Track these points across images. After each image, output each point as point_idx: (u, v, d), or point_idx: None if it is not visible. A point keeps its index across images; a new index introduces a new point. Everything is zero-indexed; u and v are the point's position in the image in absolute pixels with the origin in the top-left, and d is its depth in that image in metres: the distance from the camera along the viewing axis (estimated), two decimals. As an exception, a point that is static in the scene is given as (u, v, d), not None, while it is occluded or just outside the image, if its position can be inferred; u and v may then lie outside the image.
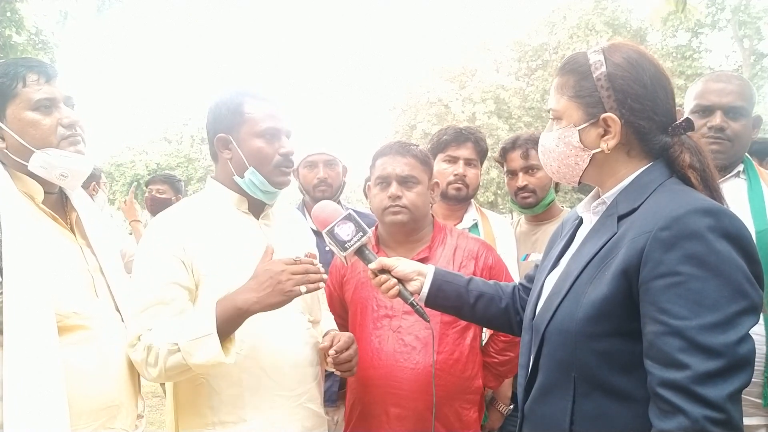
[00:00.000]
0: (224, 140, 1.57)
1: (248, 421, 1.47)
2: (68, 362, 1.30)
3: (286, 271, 1.35)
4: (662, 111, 1.11)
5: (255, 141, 1.54)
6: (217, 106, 1.60)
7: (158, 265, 1.44)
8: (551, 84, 1.24)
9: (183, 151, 25.84)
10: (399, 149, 1.88)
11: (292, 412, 1.54)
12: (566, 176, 1.21)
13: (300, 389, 1.56)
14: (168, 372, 1.36)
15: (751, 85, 1.88)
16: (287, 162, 1.58)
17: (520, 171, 2.36)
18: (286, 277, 1.34)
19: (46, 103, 1.40)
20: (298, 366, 1.56)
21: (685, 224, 0.96)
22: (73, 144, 1.43)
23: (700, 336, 0.91)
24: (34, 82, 1.39)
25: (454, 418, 1.78)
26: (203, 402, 1.47)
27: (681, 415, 0.90)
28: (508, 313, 1.45)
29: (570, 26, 20.50)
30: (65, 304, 1.34)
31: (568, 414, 1.07)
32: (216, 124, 1.58)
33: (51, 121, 1.40)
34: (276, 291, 1.34)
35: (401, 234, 1.90)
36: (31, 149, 1.38)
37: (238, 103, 1.56)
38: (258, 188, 1.57)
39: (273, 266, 1.37)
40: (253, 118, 1.54)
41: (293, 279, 1.34)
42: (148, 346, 1.37)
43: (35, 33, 9.48)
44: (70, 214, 1.51)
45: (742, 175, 1.79)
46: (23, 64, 1.41)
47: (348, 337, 1.58)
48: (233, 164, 1.56)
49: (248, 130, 1.54)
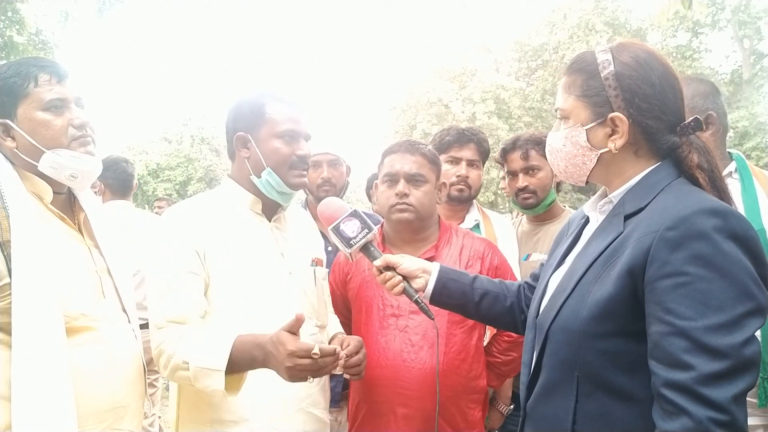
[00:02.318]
0: (243, 139, 1.59)
1: (249, 421, 1.47)
2: (75, 363, 1.30)
3: (294, 369, 1.27)
4: (671, 111, 1.11)
5: (274, 141, 1.56)
6: (239, 105, 1.62)
7: (174, 255, 1.45)
8: (559, 83, 1.23)
9: (183, 151, 25.79)
10: (408, 147, 1.88)
11: (293, 416, 1.54)
12: (573, 176, 1.21)
13: (302, 394, 1.56)
14: (175, 379, 1.44)
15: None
16: (303, 164, 1.60)
17: (520, 172, 2.36)
18: (299, 368, 1.28)
19: (57, 104, 1.39)
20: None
21: (692, 224, 0.96)
22: (83, 145, 1.43)
23: (706, 337, 0.90)
24: (45, 82, 1.39)
25: (460, 417, 1.79)
26: (204, 399, 1.48)
27: (685, 416, 0.90)
28: (513, 312, 1.45)
29: (570, 26, 20.48)
30: (73, 305, 1.34)
31: (570, 413, 1.07)
32: (236, 122, 1.60)
33: (62, 122, 1.40)
34: (287, 370, 1.29)
35: (407, 232, 1.90)
36: (42, 149, 1.38)
37: (260, 104, 1.58)
38: (274, 189, 1.58)
39: (281, 351, 1.28)
40: (273, 119, 1.57)
41: (295, 375, 1.29)
42: (161, 348, 1.40)
43: (36, 33, 9.48)
44: (78, 214, 1.51)
45: (734, 175, 1.77)
46: (35, 63, 1.40)
47: (357, 341, 1.58)
48: (251, 163, 1.58)
49: (268, 131, 1.57)
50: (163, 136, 26.80)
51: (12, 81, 1.37)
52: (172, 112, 28.60)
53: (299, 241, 1.70)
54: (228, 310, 1.49)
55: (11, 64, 1.42)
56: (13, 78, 1.37)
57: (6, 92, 1.37)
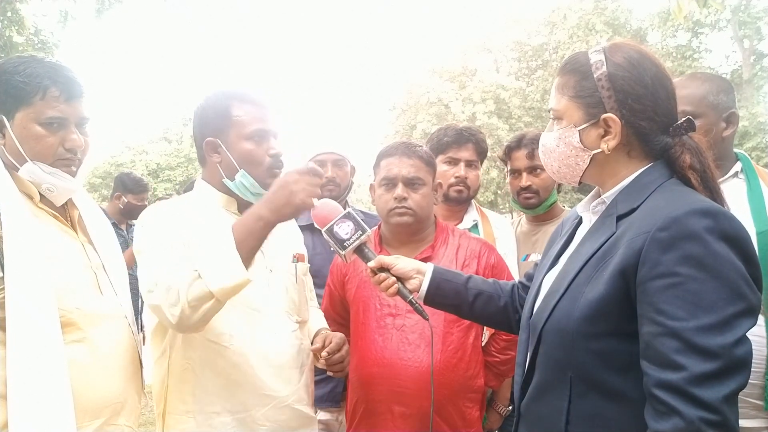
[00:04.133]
0: (213, 144, 1.58)
1: (231, 413, 1.48)
2: (72, 359, 1.29)
3: (300, 181, 1.35)
4: (663, 111, 1.11)
5: (244, 144, 1.55)
6: (203, 109, 1.60)
7: (161, 232, 1.45)
8: (552, 84, 1.23)
9: (183, 151, 25.79)
10: (405, 150, 1.87)
11: (278, 411, 1.55)
12: (566, 176, 1.21)
13: (286, 391, 1.57)
14: (191, 304, 1.30)
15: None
16: (278, 163, 1.59)
17: (524, 171, 2.35)
18: (300, 186, 1.34)
19: (56, 122, 1.38)
20: (283, 368, 1.57)
21: (684, 225, 0.95)
22: (66, 166, 1.42)
23: (697, 337, 0.90)
24: (53, 98, 1.37)
25: (457, 416, 1.79)
26: (187, 389, 1.48)
27: (676, 416, 0.90)
28: (507, 312, 1.45)
29: (570, 26, 20.50)
30: (68, 300, 1.33)
31: (564, 414, 1.06)
32: (203, 128, 1.59)
33: (54, 141, 1.38)
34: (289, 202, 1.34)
35: (405, 234, 1.91)
36: (25, 158, 1.37)
37: (225, 107, 1.57)
38: (248, 190, 1.58)
39: (287, 176, 1.37)
40: (240, 120, 1.55)
41: (306, 190, 1.34)
42: (168, 285, 1.33)
43: (35, 33, 9.48)
44: (72, 212, 1.50)
45: (740, 175, 1.75)
46: (51, 75, 1.37)
47: (339, 338, 1.58)
48: (223, 167, 1.58)
49: (237, 133, 1.56)
50: (163, 136, 26.81)
51: (21, 84, 1.35)
52: (172, 112, 28.62)
53: (279, 239, 1.68)
54: None
55: (30, 62, 1.39)
56: (24, 81, 1.35)
57: (11, 93, 1.35)
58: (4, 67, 1.38)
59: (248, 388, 1.50)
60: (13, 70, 1.36)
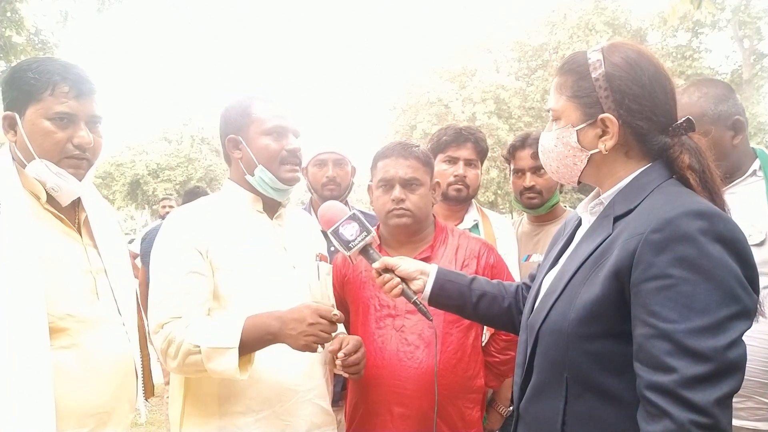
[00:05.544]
0: (234, 141, 1.65)
1: (255, 411, 1.50)
2: (58, 366, 1.27)
3: (316, 326, 1.38)
4: (661, 111, 1.10)
5: (263, 139, 1.62)
6: (227, 110, 1.68)
7: (177, 256, 1.49)
8: (551, 83, 1.23)
9: (183, 151, 25.81)
10: (401, 151, 1.87)
11: (301, 407, 1.57)
12: (565, 176, 1.21)
13: (309, 385, 1.60)
14: (185, 368, 1.42)
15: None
16: (294, 158, 1.65)
17: (528, 171, 2.35)
18: (313, 330, 1.38)
19: (64, 117, 1.38)
20: (308, 362, 1.59)
21: (677, 227, 0.95)
22: (73, 167, 1.41)
23: (689, 340, 0.90)
24: (62, 93, 1.37)
25: (457, 417, 1.79)
26: (209, 392, 1.51)
27: (667, 419, 0.90)
28: (511, 313, 1.45)
29: (570, 26, 20.49)
30: (60, 305, 1.32)
31: (560, 414, 1.07)
32: (226, 126, 1.67)
33: (62, 137, 1.38)
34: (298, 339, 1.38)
35: (404, 235, 1.91)
36: (33, 155, 1.37)
37: (246, 106, 1.64)
38: (268, 185, 1.63)
39: (308, 314, 1.40)
40: (260, 118, 1.62)
41: (316, 337, 1.38)
42: (170, 338, 1.41)
43: (35, 33, 9.48)
44: (80, 214, 1.49)
45: (759, 172, 1.70)
46: (61, 72, 1.38)
47: (356, 341, 1.59)
48: (244, 163, 1.64)
49: (256, 130, 1.62)
50: (163, 136, 26.83)
51: (32, 81, 1.36)
52: (172, 112, 28.65)
53: (302, 238, 1.75)
54: (233, 303, 1.52)
55: (44, 61, 1.40)
56: (35, 77, 1.36)
57: (22, 89, 1.37)
58: (19, 66, 1.41)
59: (272, 384, 1.52)
60: (26, 68, 1.38)
